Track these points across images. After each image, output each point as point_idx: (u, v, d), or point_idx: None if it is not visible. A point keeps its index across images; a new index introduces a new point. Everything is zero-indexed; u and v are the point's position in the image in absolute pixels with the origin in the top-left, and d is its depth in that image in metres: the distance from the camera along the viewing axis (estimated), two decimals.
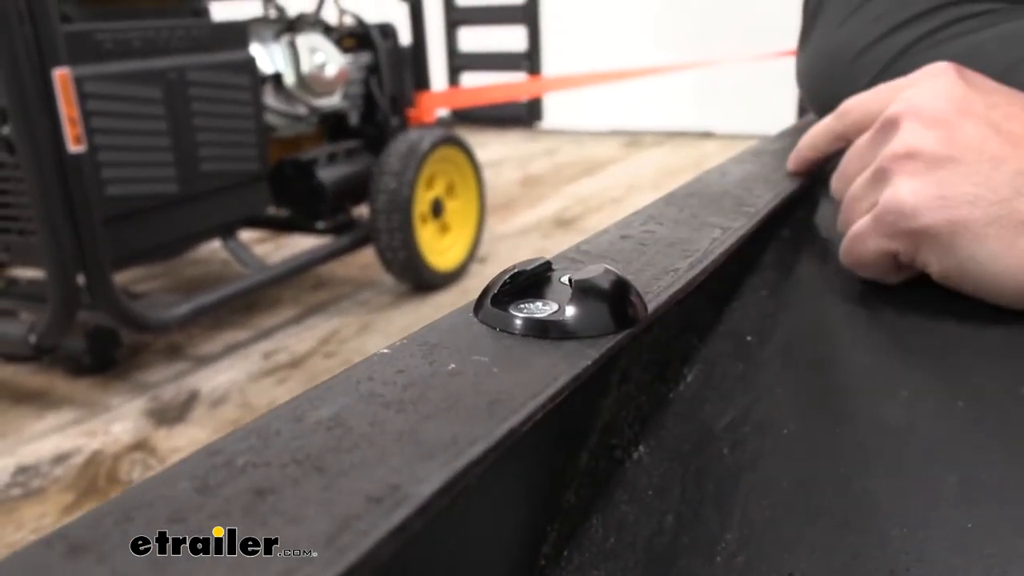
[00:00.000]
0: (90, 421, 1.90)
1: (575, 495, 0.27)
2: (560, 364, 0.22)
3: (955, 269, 0.36)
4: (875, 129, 0.40)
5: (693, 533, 0.27)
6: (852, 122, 0.45)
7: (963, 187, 0.35)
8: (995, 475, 0.28)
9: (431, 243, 2.65)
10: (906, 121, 0.38)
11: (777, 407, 0.34)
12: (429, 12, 3.07)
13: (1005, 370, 0.34)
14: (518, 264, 0.27)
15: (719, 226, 0.39)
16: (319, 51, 2.46)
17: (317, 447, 0.17)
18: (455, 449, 0.17)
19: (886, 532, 0.26)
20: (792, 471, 0.30)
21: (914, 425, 0.31)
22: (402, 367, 0.22)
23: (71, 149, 1.63)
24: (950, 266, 0.36)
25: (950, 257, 0.36)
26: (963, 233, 0.35)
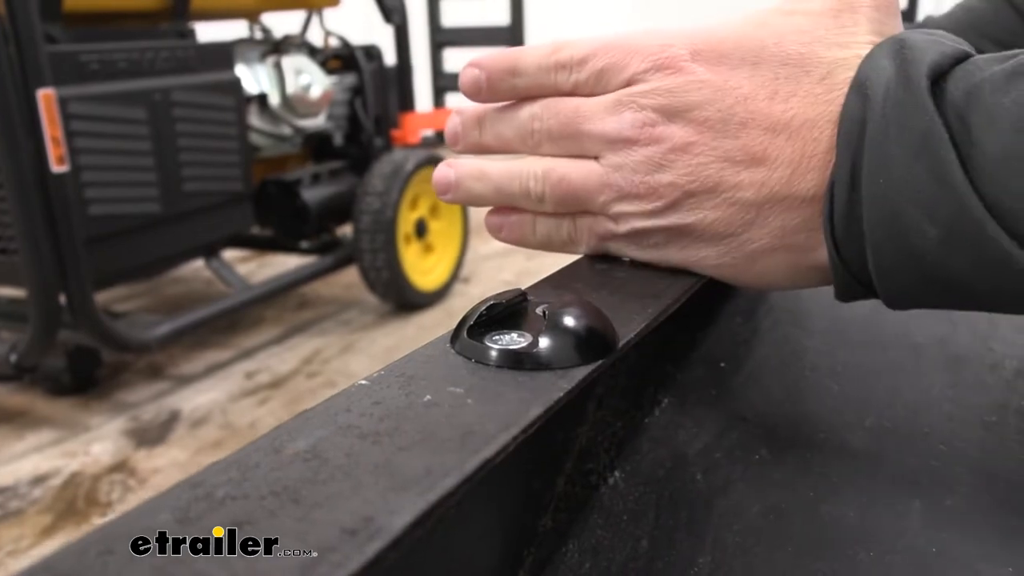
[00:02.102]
0: (70, 441, 1.88)
1: (552, 520, 0.28)
2: (533, 396, 0.23)
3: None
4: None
5: (667, 558, 0.28)
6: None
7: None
8: (959, 501, 0.29)
9: (415, 263, 2.66)
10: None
11: (749, 433, 0.34)
12: (415, 33, 3.08)
13: (969, 399, 0.35)
14: (494, 296, 0.27)
15: None
16: (304, 72, 2.46)
17: (294, 479, 0.18)
18: (428, 481, 0.18)
19: (853, 557, 0.27)
20: (763, 496, 0.30)
21: (881, 452, 0.32)
22: (379, 398, 0.22)
23: (54, 169, 1.63)
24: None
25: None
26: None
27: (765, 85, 0.32)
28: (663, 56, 0.33)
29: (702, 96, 0.32)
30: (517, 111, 0.37)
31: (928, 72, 0.28)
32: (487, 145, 0.38)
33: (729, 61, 0.33)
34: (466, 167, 0.38)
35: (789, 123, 0.32)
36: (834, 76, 0.31)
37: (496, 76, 0.37)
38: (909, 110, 0.28)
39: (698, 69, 0.33)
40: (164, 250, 2.10)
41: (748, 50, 0.33)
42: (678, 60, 0.33)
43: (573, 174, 0.35)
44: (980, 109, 0.27)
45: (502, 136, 0.38)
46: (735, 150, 0.32)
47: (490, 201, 0.39)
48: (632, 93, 0.34)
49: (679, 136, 0.33)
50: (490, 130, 0.38)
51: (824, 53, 0.32)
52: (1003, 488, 0.30)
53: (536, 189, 0.36)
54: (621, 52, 0.34)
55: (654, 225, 0.34)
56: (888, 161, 0.28)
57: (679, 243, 0.35)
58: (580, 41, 0.36)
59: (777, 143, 0.32)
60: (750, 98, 0.32)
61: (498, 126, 0.38)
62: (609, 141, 0.34)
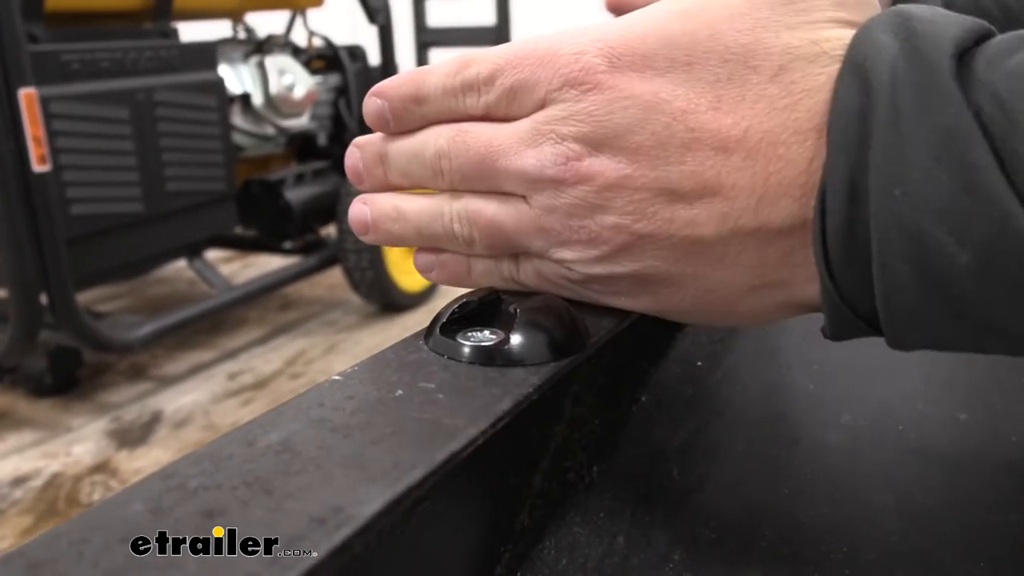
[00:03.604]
0: (51, 442, 1.87)
1: (529, 516, 0.28)
2: (502, 391, 0.23)
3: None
4: None
5: (643, 554, 0.28)
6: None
7: None
8: (930, 498, 0.29)
9: (399, 263, 2.66)
10: None
11: (725, 431, 0.35)
12: (401, 32, 3.08)
13: (942, 396, 0.36)
14: (467, 293, 0.27)
15: None
16: (288, 72, 2.46)
17: (266, 470, 0.18)
18: (396, 473, 0.18)
19: (827, 553, 0.27)
20: (738, 493, 0.30)
21: (855, 449, 0.32)
22: (352, 393, 0.22)
23: (36, 169, 1.62)
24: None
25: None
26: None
27: (704, 92, 0.26)
28: (575, 69, 0.27)
29: (630, 117, 0.27)
30: (422, 147, 0.32)
31: (952, 50, 0.23)
32: (395, 184, 0.33)
33: (655, 65, 0.27)
34: (381, 205, 0.33)
35: (743, 139, 0.26)
36: (790, 71, 0.26)
37: (399, 106, 0.32)
38: (929, 98, 0.22)
39: (620, 81, 0.27)
40: (147, 250, 2.10)
41: (677, 47, 0.27)
42: (594, 72, 0.27)
43: (502, 216, 0.30)
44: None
45: (410, 174, 0.32)
46: (681, 179, 0.27)
47: (414, 243, 0.34)
48: (549, 120, 0.28)
49: (611, 170, 0.27)
50: (395, 167, 0.33)
51: (772, 41, 0.26)
52: (974, 485, 0.30)
53: (463, 232, 0.31)
54: (530, 66, 0.29)
55: (610, 272, 0.29)
56: (903, 167, 0.22)
57: (648, 289, 0.29)
58: (487, 55, 0.30)
59: (731, 165, 0.26)
60: (689, 112, 0.26)
61: (403, 163, 0.32)
62: (531, 181, 0.29)
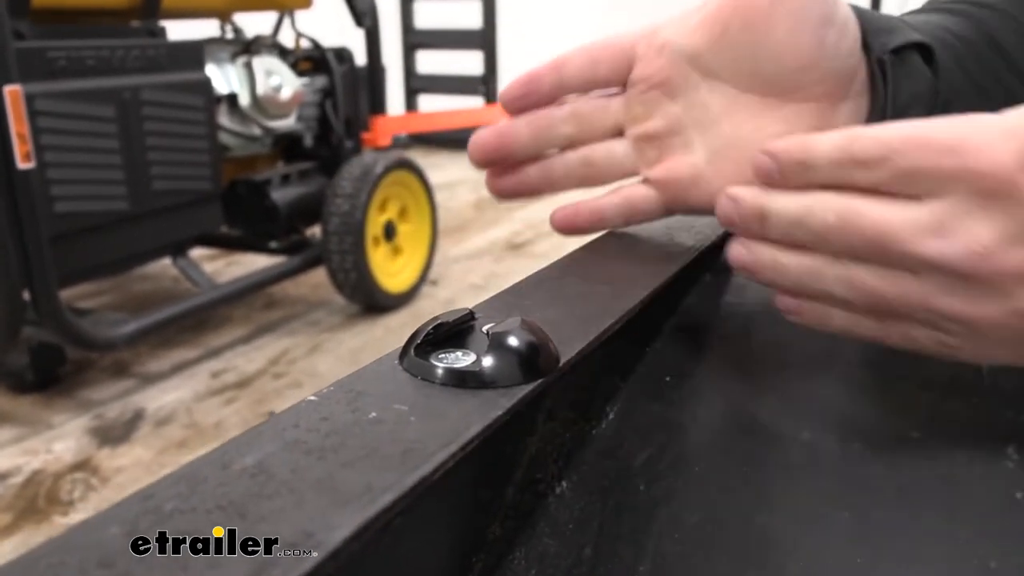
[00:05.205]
0: (31, 439, 1.87)
1: (500, 528, 0.29)
2: (474, 414, 0.24)
3: None
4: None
5: (609, 565, 0.29)
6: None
7: None
8: (884, 514, 0.30)
9: (383, 265, 2.66)
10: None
11: (691, 445, 0.36)
12: (388, 34, 3.08)
13: (901, 415, 0.37)
14: (441, 315, 0.28)
15: (641, 273, 0.41)
16: (275, 73, 2.46)
17: (240, 493, 0.19)
18: (368, 497, 0.19)
19: (783, 567, 0.28)
20: (702, 507, 0.31)
21: (815, 466, 0.34)
22: (326, 414, 0.23)
23: (20, 166, 1.62)
24: None
25: None
26: None
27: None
28: (984, 166, 0.28)
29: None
30: (808, 215, 0.34)
31: None
32: (773, 241, 0.36)
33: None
34: (761, 256, 0.36)
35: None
36: None
37: (788, 168, 0.35)
38: None
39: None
40: (131, 248, 2.09)
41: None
42: (1007, 176, 0.28)
43: (885, 287, 0.32)
44: None
45: (792, 238, 0.35)
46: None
47: (787, 289, 0.37)
48: (956, 211, 0.29)
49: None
50: (776, 229, 0.35)
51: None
52: (928, 501, 0.31)
53: (841, 294, 0.34)
54: (933, 154, 0.30)
55: (1002, 345, 0.31)
56: None
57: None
58: (879, 133, 0.32)
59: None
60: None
61: (784, 226, 0.35)
62: (933, 267, 0.30)
